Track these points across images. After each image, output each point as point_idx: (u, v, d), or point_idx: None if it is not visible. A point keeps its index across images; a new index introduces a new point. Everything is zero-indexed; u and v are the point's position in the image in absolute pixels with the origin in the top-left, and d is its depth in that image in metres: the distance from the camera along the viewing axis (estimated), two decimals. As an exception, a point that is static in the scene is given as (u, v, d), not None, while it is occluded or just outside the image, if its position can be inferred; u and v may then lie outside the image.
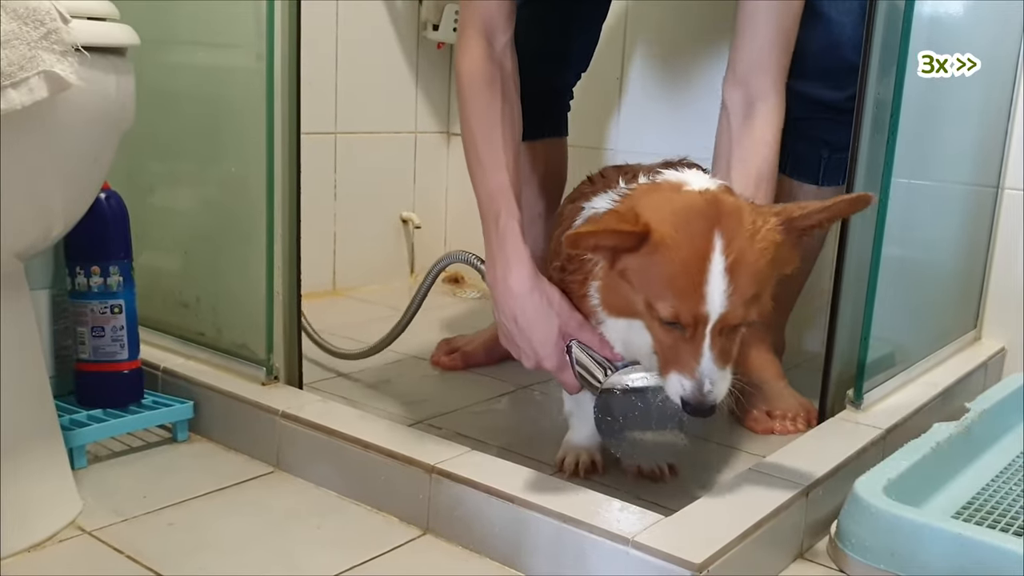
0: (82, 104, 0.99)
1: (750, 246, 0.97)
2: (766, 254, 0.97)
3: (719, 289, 0.95)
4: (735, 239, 0.96)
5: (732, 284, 0.95)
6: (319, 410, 1.28)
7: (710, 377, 0.97)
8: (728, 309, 0.96)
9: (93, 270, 1.33)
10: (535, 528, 1.02)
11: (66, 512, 1.12)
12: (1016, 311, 1.70)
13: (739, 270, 0.95)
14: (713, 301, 0.95)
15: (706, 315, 0.96)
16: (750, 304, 0.97)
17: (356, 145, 2.23)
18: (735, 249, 0.96)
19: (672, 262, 0.96)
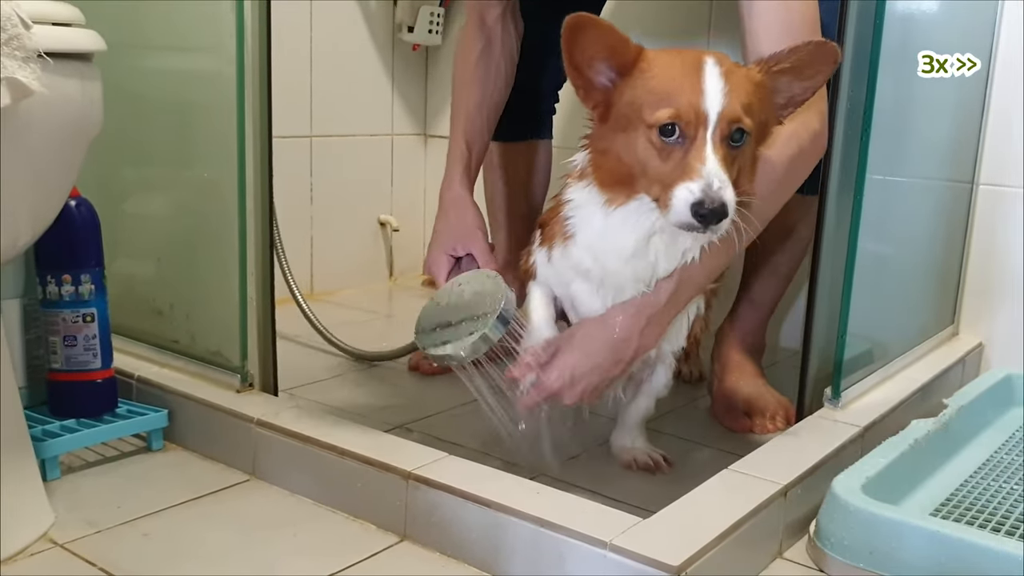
0: (46, 111, 0.97)
1: (738, 68, 1.05)
2: (753, 77, 1.05)
3: (716, 87, 1.01)
4: (724, 60, 1.04)
5: (727, 84, 1.01)
6: (294, 417, 1.27)
7: (718, 176, 0.99)
8: (726, 106, 1.00)
9: (64, 279, 1.31)
10: (512, 532, 1.02)
11: (38, 524, 1.10)
12: (993, 307, 1.71)
13: (732, 76, 1.02)
14: (712, 96, 1.00)
15: (705, 111, 1.00)
16: (745, 107, 1.01)
17: (332, 148, 2.22)
18: (726, 65, 1.03)
19: (669, 68, 1.04)
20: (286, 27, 1.97)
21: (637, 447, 1.31)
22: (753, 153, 1.08)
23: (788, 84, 1.07)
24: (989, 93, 1.67)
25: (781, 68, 1.05)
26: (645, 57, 1.06)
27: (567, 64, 1.06)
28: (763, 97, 1.06)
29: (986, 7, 1.63)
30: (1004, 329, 1.71)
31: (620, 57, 1.06)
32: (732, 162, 1.02)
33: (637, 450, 1.31)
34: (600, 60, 1.06)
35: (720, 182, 0.98)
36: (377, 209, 2.36)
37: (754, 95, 1.04)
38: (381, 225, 2.37)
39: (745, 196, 1.04)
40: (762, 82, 1.06)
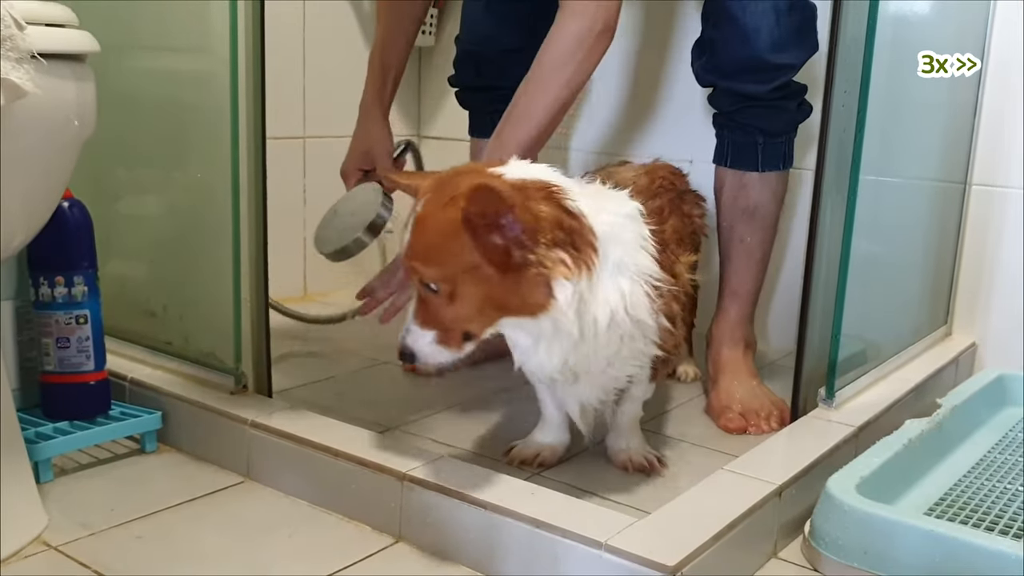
0: (40, 112, 0.97)
1: (435, 212, 1.04)
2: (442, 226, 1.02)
3: (407, 240, 1.06)
4: (431, 205, 1.05)
5: (413, 237, 1.05)
6: (289, 418, 1.26)
7: (407, 325, 1.07)
8: (407, 258, 1.05)
9: (57, 280, 1.31)
10: (508, 533, 1.02)
11: (31, 527, 1.10)
12: (986, 307, 1.71)
13: (417, 226, 1.05)
14: (405, 250, 1.06)
15: (405, 260, 1.06)
16: (420, 259, 1.04)
17: (326, 149, 2.21)
18: (425, 212, 1.05)
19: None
20: (279, 28, 1.96)
21: (632, 448, 1.31)
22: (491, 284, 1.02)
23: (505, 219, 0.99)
24: (982, 94, 1.67)
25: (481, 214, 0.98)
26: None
27: None
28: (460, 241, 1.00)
29: (978, 8, 1.64)
30: (997, 329, 1.71)
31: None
32: (442, 305, 1.04)
33: (632, 451, 1.30)
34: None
35: (407, 330, 1.07)
36: (371, 210, 2.35)
37: (442, 242, 1.02)
38: (375, 226, 2.36)
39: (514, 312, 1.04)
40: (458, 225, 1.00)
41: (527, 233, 0.99)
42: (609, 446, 1.32)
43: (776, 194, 1.53)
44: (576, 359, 1.09)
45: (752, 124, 1.48)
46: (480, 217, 0.99)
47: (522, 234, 0.99)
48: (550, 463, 1.30)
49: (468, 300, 1.03)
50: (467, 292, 1.03)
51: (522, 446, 1.31)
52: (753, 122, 1.48)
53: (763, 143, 1.49)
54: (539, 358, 1.09)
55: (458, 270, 1.02)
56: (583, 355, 1.09)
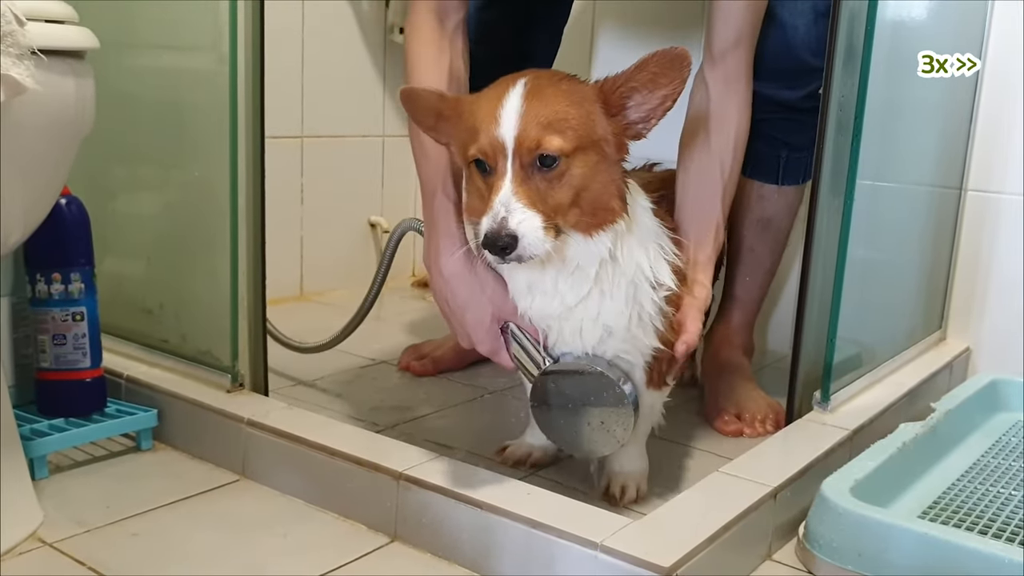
0: (40, 108, 0.97)
1: (550, 83, 1.02)
2: (569, 94, 1.01)
3: (514, 112, 0.98)
4: (536, 80, 1.01)
5: (525, 106, 0.98)
6: (285, 417, 1.26)
7: (506, 205, 0.96)
8: (522, 130, 0.97)
9: (54, 277, 1.31)
10: (503, 533, 1.02)
11: (26, 524, 1.10)
12: (980, 312, 1.72)
13: (538, 97, 0.99)
14: (506, 123, 0.98)
15: (501, 139, 0.98)
16: (547, 128, 0.98)
17: (323, 149, 2.22)
18: (533, 86, 1.01)
19: (478, 102, 1.03)
20: (278, 28, 1.97)
21: (624, 471, 1.22)
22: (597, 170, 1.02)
23: (643, 99, 1.03)
24: (978, 100, 1.68)
25: (630, 86, 1.02)
26: (462, 102, 1.06)
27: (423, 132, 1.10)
28: (590, 113, 1.01)
29: (975, 15, 1.64)
30: (991, 334, 1.72)
31: (442, 113, 1.07)
32: (548, 186, 0.98)
33: (621, 475, 1.22)
34: (433, 122, 1.08)
35: (507, 211, 0.95)
36: (367, 210, 2.36)
37: (572, 111, 1.00)
38: (371, 226, 2.37)
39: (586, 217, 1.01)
40: (591, 97, 1.02)
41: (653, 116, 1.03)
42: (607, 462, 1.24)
43: (791, 207, 1.52)
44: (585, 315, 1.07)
45: (778, 137, 1.45)
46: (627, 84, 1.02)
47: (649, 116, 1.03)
48: (543, 463, 1.30)
49: (574, 182, 1.00)
50: (577, 171, 1.00)
51: (515, 446, 1.31)
52: (779, 135, 1.45)
53: (786, 156, 1.48)
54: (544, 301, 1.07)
55: (581, 144, 0.99)
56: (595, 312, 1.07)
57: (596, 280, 1.06)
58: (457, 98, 1.07)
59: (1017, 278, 1.67)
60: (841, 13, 1.24)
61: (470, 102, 1.05)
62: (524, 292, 1.08)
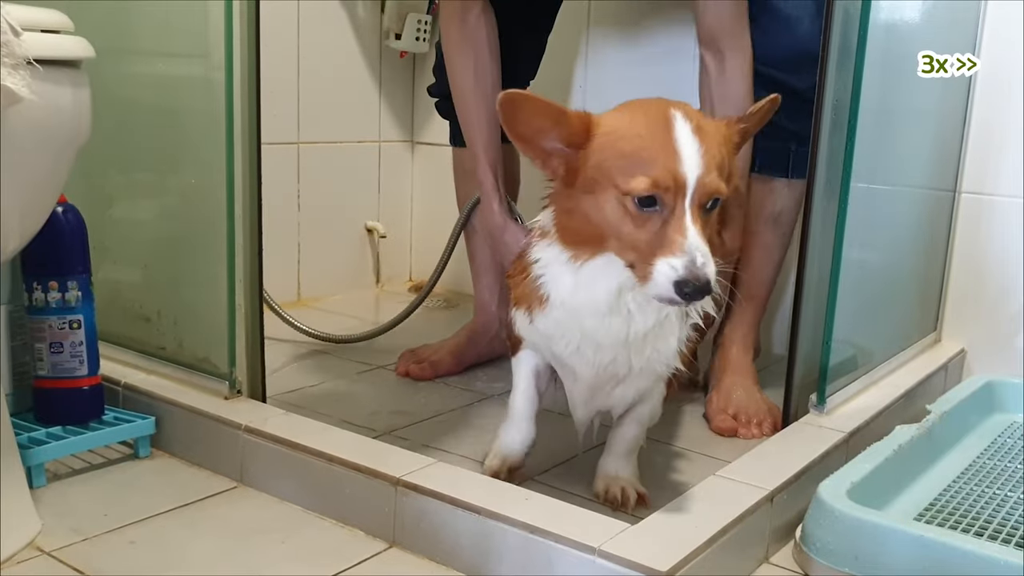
0: (36, 118, 0.97)
1: (706, 120, 0.99)
2: (720, 131, 1.00)
3: (692, 148, 0.94)
4: (691, 114, 0.98)
5: (702, 145, 0.95)
6: (283, 423, 1.27)
7: (700, 250, 0.93)
8: (704, 171, 0.94)
9: (51, 285, 1.31)
10: (501, 538, 1.02)
11: (24, 532, 1.10)
12: (975, 313, 1.73)
13: (704, 135, 0.96)
14: (689, 161, 0.94)
15: (684, 176, 0.94)
16: (719, 171, 0.96)
17: (319, 155, 2.22)
18: (694, 119, 0.97)
19: (636, 127, 0.97)
20: (274, 33, 1.97)
21: (620, 476, 1.22)
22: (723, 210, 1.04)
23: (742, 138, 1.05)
24: (971, 103, 1.68)
25: (747, 129, 1.04)
26: (599, 123, 1.00)
27: (512, 138, 1.02)
28: (730, 152, 1.02)
29: (968, 18, 1.65)
30: (986, 336, 1.72)
31: (566, 130, 1.00)
32: (706, 227, 0.97)
33: (620, 479, 1.22)
34: (546, 133, 1.01)
35: (703, 257, 0.93)
36: (364, 216, 2.36)
37: (724, 151, 0.99)
38: (368, 232, 2.37)
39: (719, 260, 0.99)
40: (728, 136, 1.02)
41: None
42: (599, 468, 1.25)
43: (798, 201, 1.52)
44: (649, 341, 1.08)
45: (787, 127, 1.45)
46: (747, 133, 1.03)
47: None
48: (519, 465, 1.24)
49: (715, 225, 1.00)
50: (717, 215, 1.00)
51: (488, 460, 1.26)
52: (789, 124, 1.44)
53: (795, 149, 1.50)
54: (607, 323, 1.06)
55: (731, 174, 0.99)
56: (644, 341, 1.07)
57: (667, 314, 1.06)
58: (585, 116, 1.01)
59: (1012, 279, 1.67)
60: (835, 14, 1.25)
61: (617, 124, 0.99)
62: (601, 312, 1.05)
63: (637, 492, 1.20)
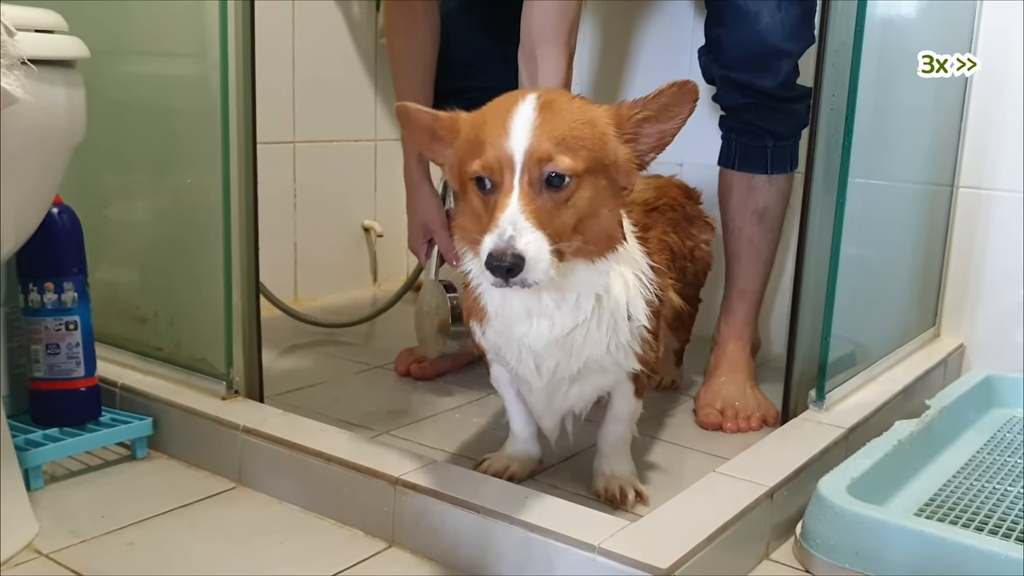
0: (30, 118, 0.97)
1: (564, 100, 0.99)
2: (584, 112, 0.98)
3: (524, 126, 0.93)
4: (549, 95, 0.98)
5: (541, 121, 0.94)
6: (281, 424, 1.26)
7: (513, 223, 0.90)
8: (534, 145, 0.92)
9: (47, 286, 1.30)
10: (501, 537, 1.02)
11: (22, 535, 1.09)
12: (973, 308, 1.73)
13: (551, 112, 0.95)
14: (517, 137, 0.93)
15: (509, 152, 0.93)
16: (560, 144, 0.93)
17: (315, 154, 2.21)
18: (546, 100, 0.97)
19: (481, 117, 0.99)
20: (269, 33, 1.96)
21: (615, 473, 1.22)
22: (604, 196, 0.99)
23: (652, 128, 1.00)
24: (968, 97, 1.68)
25: (646, 115, 1.00)
26: (460, 119, 1.02)
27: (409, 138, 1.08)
28: (603, 135, 0.98)
29: (964, 13, 1.65)
30: (984, 331, 1.72)
31: (439, 131, 1.03)
32: (555, 207, 0.94)
33: (611, 477, 1.22)
34: (428, 142, 1.04)
35: (514, 229, 0.89)
36: (361, 215, 2.36)
37: (585, 131, 0.96)
38: (365, 231, 2.36)
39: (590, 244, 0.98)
40: (605, 119, 0.99)
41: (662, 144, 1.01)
42: (594, 466, 1.25)
43: (784, 195, 1.54)
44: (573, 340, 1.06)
45: (763, 127, 1.48)
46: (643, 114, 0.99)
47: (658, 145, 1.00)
48: (520, 476, 1.27)
49: (579, 204, 0.95)
50: (583, 195, 0.96)
51: (493, 459, 1.28)
52: (763, 124, 1.48)
53: (772, 146, 1.50)
54: (533, 327, 1.05)
55: (591, 167, 0.95)
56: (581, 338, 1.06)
57: (592, 310, 1.04)
58: (453, 116, 1.03)
59: (1009, 274, 1.67)
60: (831, 13, 1.24)
61: (470, 118, 1.01)
62: (523, 318, 1.05)
63: (635, 490, 1.20)
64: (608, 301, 1.05)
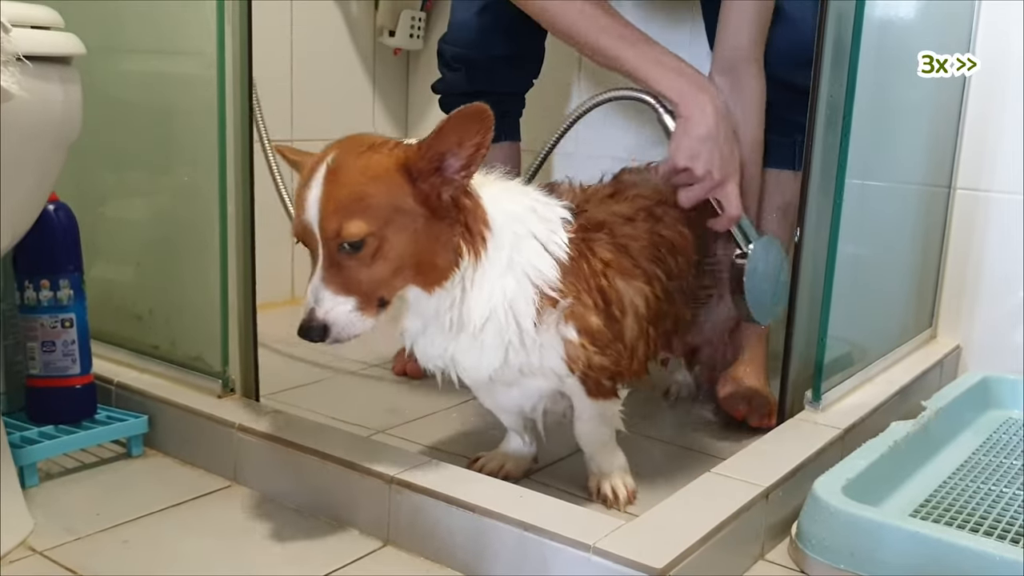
0: (26, 115, 0.97)
1: (350, 159, 0.99)
2: (367, 169, 0.98)
3: (314, 198, 0.97)
4: (338, 157, 0.99)
5: (324, 191, 0.97)
6: (276, 422, 1.26)
7: (315, 295, 0.98)
8: (322, 217, 0.97)
9: (43, 284, 1.30)
10: (496, 536, 1.02)
11: (17, 532, 1.09)
12: (970, 309, 1.73)
13: (332, 180, 0.97)
14: (310, 210, 0.97)
15: (310, 227, 0.98)
16: (345, 213, 0.96)
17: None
18: (334, 165, 0.98)
19: (299, 182, 1.02)
20: (267, 31, 1.96)
21: (602, 471, 1.22)
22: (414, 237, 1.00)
23: (455, 157, 1.00)
24: (966, 98, 1.68)
25: (437, 151, 0.99)
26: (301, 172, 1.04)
27: None
28: (392, 185, 0.98)
29: (962, 13, 1.65)
30: (981, 332, 1.72)
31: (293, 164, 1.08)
32: (360, 267, 0.98)
33: (607, 476, 1.22)
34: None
35: (315, 300, 0.98)
36: (358, 213, 2.35)
37: (371, 188, 0.98)
38: (362, 229, 2.36)
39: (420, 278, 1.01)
40: (392, 168, 0.99)
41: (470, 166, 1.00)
42: (586, 465, 1.25)
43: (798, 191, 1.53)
44: (460, 354, 1.07)
45: (791, 120, 1.43)
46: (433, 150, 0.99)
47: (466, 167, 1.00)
48: (515, 475, 1.27)
49: (390, 256, 0.99)
50: (390, 246, 0.98)
51: (487, 458, 1.29)
52: (793, 117, 1.42)
53: (800, 141, 1.48)
54: (424, 343, 1.08)
55: (389, 218, 0.98)
56: (467, 351, 1.07)
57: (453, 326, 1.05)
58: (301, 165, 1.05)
59: (1006, 275, 1.67)
60: (829, 12, 1.24)
61: (301, 170, 1.04)
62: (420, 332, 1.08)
63: (625, 486, 1.20)
64: (498, 312, 1.05)
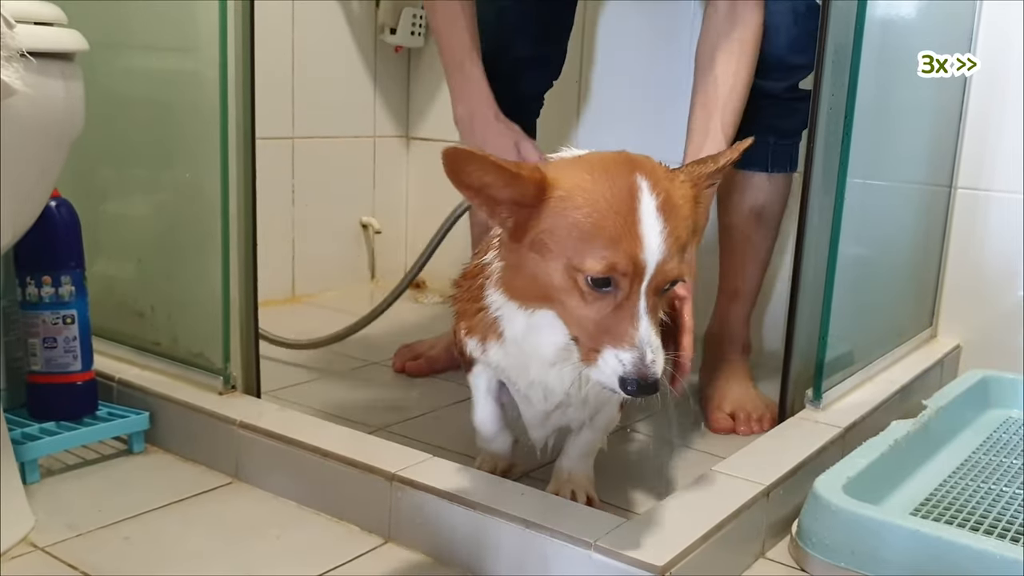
0: (28, 111, 0.97)
1: (674, 189, 0.89)
2: (689, 200, 0.90)
3: (655, 230, 0.85)
4: (659, 180, 0.87)
5: (667, 225, 0.85)
6: (277, 419, 1.26)
7: (650, 344, 0.85)
8: (665, 256, 0.85)
9: (44, 280, 1.30)
10: (497, 533, 1.02)
11: (18, 528, 1.09)
12: (970, 309, 1.73)
13: (669, 210, 0.86)
14: (651, 245, 0.84)
15: (644, 263, 0.84)
16: (682, 253, 0.87)
17: (314, 150, 2.21)
18: (662, 187, 0.87)
19: (596, 199, 0.86)
20: (268, 28, 1.96)
21: (573, 476, 1.18)
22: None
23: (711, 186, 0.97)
24: (967, 98, 1.68)
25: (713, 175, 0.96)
26: (555, 184, 0.87)
27: (456, 186, 0.87)
28: (695, 212, 0.92)
29: (964, 14, 1.65)
30: (981, 331, 1.72)
31: (518, 190, 0.87)
32: (658, 309, 0.89)
33: (572, 482, 1.18)
34: (495, 189, 0.88)
35: (653, 353, 0.84)
36: (359, 211, 2.36)
37: (690, 218, 0.90)
38: (363, 227, 2.36)
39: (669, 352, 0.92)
40: (695, 195, 0.93)
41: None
42: (555, 467, 1.21)
43: (782, 195, 1.54)
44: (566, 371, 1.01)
45: (765, 123, 1.45)
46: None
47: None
48: (509, 465, 1.24)
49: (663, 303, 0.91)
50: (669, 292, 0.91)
51: (478, 462, 1.25)
52: (766, 120, 1.45)
53: (773, 143, 1.50)
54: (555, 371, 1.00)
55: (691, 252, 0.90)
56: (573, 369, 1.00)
57: None
58: (544, 178, 0.88)
59: (1007, 275, 1.67)
60: (831, 13, 1.25)
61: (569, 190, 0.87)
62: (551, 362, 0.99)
63: (588, 495, 1.17)
64: None
